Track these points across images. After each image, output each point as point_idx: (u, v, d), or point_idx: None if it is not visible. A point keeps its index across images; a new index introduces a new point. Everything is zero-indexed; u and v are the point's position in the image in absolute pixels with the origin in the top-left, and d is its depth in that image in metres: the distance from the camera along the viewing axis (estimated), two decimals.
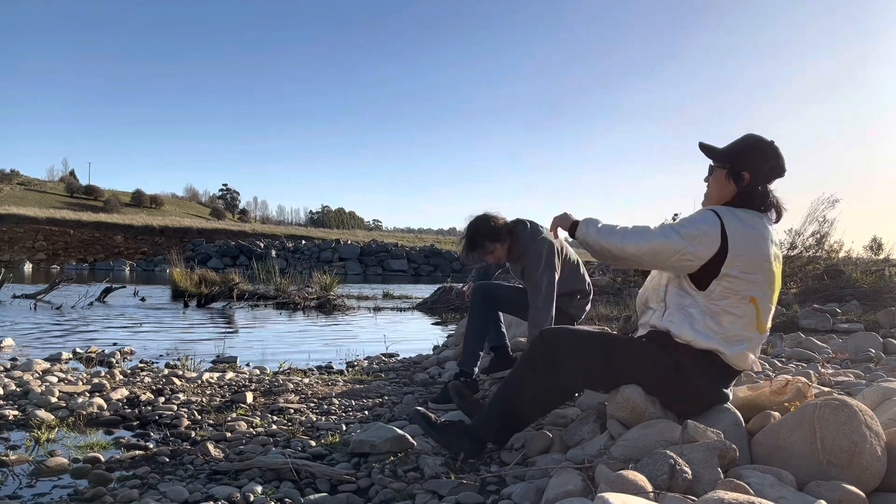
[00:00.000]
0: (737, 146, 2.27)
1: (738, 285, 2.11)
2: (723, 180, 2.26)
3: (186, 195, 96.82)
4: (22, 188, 68.88)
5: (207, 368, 4.83)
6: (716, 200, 2.29)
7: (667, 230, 2.18)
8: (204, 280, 12.77)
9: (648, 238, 2.19)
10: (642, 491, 1.51)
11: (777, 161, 2.23)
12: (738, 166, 2.23)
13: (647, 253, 2.19)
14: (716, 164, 2.29)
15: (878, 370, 3.61)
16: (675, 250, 2.14)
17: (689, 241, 2.12)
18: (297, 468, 2.39)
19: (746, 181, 2.22)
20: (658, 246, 2.16)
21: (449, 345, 5.90)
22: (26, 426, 3.07)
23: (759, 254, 2.13)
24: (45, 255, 37.72)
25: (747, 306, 2.14)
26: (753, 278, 2.12)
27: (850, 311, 7.38)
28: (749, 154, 2.23)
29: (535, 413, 2.51)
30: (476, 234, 3.46)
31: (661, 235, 2.17)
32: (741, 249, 2.10)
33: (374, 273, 35.37)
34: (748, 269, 2.11)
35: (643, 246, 2.19)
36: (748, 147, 2.25)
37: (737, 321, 2.14)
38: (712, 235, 2.10)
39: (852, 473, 1.68)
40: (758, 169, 2.21)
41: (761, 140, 2.26)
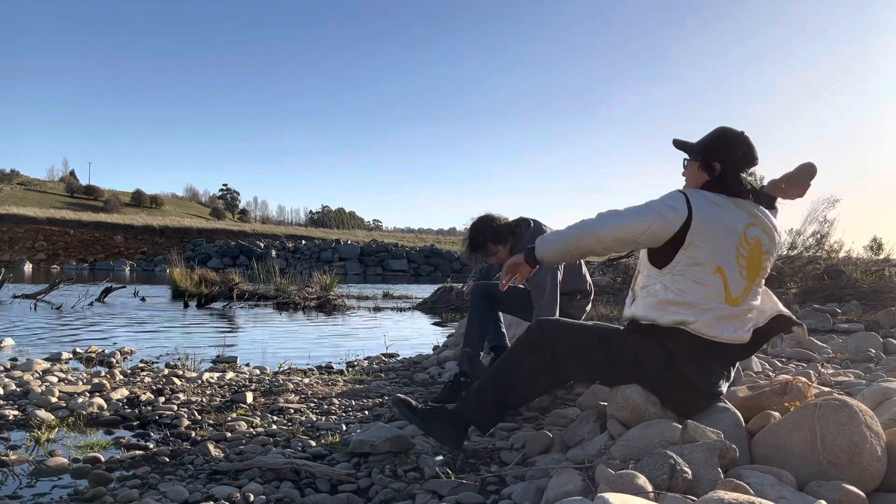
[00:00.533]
0: (707, 138, 2.34)
1: (703, 255, 2.14)
2: (696, 172, 2.33)
3: (186, 195, 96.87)
4: (22, 188, 68.91)
5: (207, 368, 4.83)
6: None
7: (638, 208, 2.23)
8: (204, 280, 12.77)
9: (624, 219, 2.22)
10: (642, 491, 1.51)
11: (747, 150, 2.29)
12: (709, 157, 2.29)
13: (625, 231, 2.22)
14: (689, 159, 2.36)
15: (878, 370, 3.61)
16: (648, 223, 2.17)
17: (659, 213, 2.16)
18: (297, 468, 2.39)
19: (718, 171, 2.27)
20: (633, 223, 2.20)
21: (449, 345, 5.90)
22: (26, 426, 3.07)
23: (725, 227, 2.16)
24: (45, 255, 37.73)
25: (713, 276, 2.15)
26: (719, 248, 2.15)
27: (850, 311, 7.38)
28: (719, 145, 2.30)
29: (522, 399, 2.50)
30: (478, 235, 3.46)
31: (636, 213, 2.21)
32: (705, 220, 2.14)
33: (374, 273, 35.37)
34: (713, 239, 2.14)
35: (619, 227, 2.22)
36: (717, 138, 2.32)
37: (702, 289, 2.15)
38: (679, 208, 2.15)
39: (852, 473, 1.69)
40: (727, 158, 2.27)
41: (731, 131, 2.33)
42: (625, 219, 2.22)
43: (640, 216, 2.20)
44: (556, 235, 2.39)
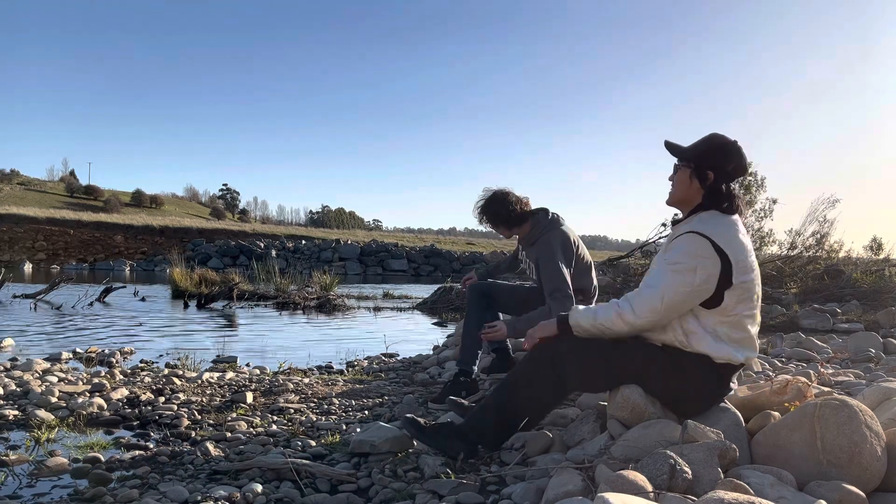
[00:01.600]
0: (701, 145, 2.29)
1: (748, 287, 2.14)
2: (686, 179, 2.28)
3: (186, 195, 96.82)
4: (22, 188, 68.86)
5: (207, 368, 4.83)
6: (679, 199, 2.31)
7: (664, 277, 2.13)
8: (204, 280, 12.76)
9: (658, 300, 2.12)
10: (642, 491, 1.51)
11: (740, 161, 2.26)
12: (702, 165, 2.25)
13: (668, 308, 2.13)
14: (680, 164, 2.31)
15: (878, 370, 3.61)
16: (687, 291, 2.10)
17: (692, 274, 2.09)
18: (297, 468, 2.39)
19: (711, 180, 2.24)
20: (672, 299, 2.11)
21: (449, 345, 5.89)
22: (26, 426, 3.07)
23: (749, 251, 2.18)
24: (45, 255, 37.69)
25: (755, 304, 2.19)
26: (754, 276, 2.17)
27: (850, 311, 7.38)
28: (713, 153, 2.25)
29: (528, 414, 2.46)
30: (491, 212, 3.46)
31: (666, 287, 2.11)
32: (738, 254, 2.12)
33: (374, 273, 35.34)
34: (748, 269, 2.14)
35: (661, 306, 2.12)
36: (712, 146, 2.27)
37: (751, 320, 2.19)
38: (710, 257, 2.09)
39: (852, 473, 1.68)
40: (722, 168, 2.23)
41: (725, 139, 2.28)
42: (659, 306, 2.12)
43: (678, 290, 2.10)
44: (593, 315, 2.25)
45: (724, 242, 2.11)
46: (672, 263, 2.13)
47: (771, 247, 10.89)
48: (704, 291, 2.11)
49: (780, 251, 10.75)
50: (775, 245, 10.86)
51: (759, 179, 10.84)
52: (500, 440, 2.50)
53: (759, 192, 10.83)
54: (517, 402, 2.38)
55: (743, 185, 10.81)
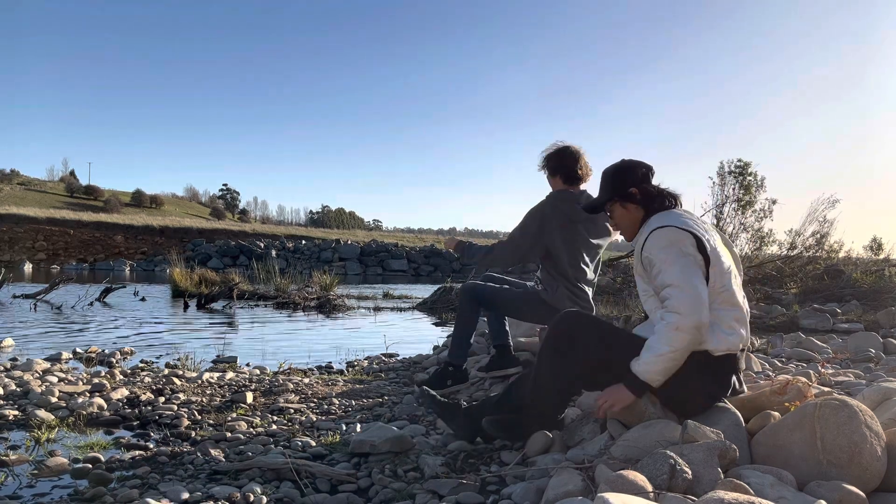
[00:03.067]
0: (606, 182, 2.47)
1: (718, 258, 2.19)
2: (621, 210, 2.44)
3: (186, 195, 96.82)
4: (22, 188, 68.86)
5: (207, 368, 4.83)
6: (630, 229, 2.45)
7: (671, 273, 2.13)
8: (204, 280, 12.77)
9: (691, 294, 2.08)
10: (642, 491, 1.51)
11: (639, 166, 2.44)
12: (622, 190, 2.40)
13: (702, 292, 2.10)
14: (608, 206, 2.47)
15: (878, 370, 3.61)
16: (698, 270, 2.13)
17: (686, 255, 2.15)
18: (297, 468, 2.39)
19: (639, 195, 2.38)
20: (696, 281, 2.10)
21: (449, 345, 5.89)
22: (26, 426, 3.07)
23: (706, 227, 2.27)
24: (45, 255, 37.69)
25: (732, 276, 2.23)
26: (720, 248, 2.24)
27: (850, 311, 7.38)
28: (620, 177, 2.43)
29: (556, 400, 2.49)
30: (558, 157, 3.51)
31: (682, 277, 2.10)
32: (697, 230, 2.21)
33: (374, 273, 35.34)
34: (712, 244, 2.21)
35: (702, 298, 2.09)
36: (614, 174, 2.46)
37: (739, 291, 2.23)
38: (683, 236, 2.17)
39: (852, 473, 1.68)
40: (634, 180, 2.40)
41: (616, 164, 2.48)
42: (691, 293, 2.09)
43: (693, 272, 2.11)
44: (655, 355, 2.12)
45: (682, 223, 2.21)
46: (662, 261, 2.17)
47: (771, 247, 10.89)
48: (702, 263, 2.18)
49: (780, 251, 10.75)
50: (775, 245, 10.87)
51: (759, 179, 10.84)
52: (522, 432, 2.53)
53: (758, 192, 10.83)
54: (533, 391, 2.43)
55: (742, 185, 10.82)
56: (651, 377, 2.13)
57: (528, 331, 4.63)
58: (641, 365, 2.14)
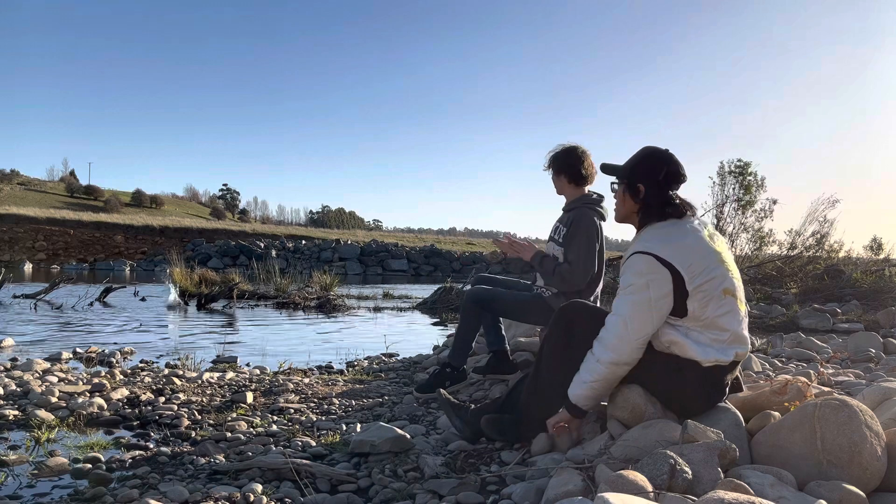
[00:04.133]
0: (631, 160, 2.35)
1: (709, 288, 2.12)
2: (622, 195, 2.35)
3: (186, 195, 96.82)
4: (22, 188, 68.86)
5: (207, 368, 4.83)
6: (622, 215, 2.38)
7: (622, 303, 2.16)
8: (204, 280, 12.76)
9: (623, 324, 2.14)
10: (642, 491, 1.51)
11: (672, 167, 2.28)
12: (633, 180, 2.30)
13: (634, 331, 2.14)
14: (618, 182, 2.37)
15: (878, 370, 3.61)
16: (647, 310, 2.12)
17: (647, 291, 2.11)
18: (297, 468, 2.39)
19: (642, 193, 2.28)
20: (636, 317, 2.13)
21: (449, 345, 5.89)
22: (26, 426, 3.07)
23: (702, 253, 2.15)
24: (45, 255, 37.70)
25: (727, 299, 2.16)
26: (717, 273, 2.15)
27: (850, 311, 7.37)
28: (641, 167, 2.30)
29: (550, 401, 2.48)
30: (562, 154, 3.52)
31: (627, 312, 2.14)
32: (686, 261, 2.11)
33: (374, 273, 35.34)
34: (705, 271, 2.13)
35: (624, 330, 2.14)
36: (641, 160, 2.33)
37: (730, 317, 2.17)
38: (659, 272, 2.11)
39: (852, 473, 1.68)
40: (651, 178, 2.27)
41: (654, 151, 2.33)
42: (624, 332, 2.14)
43: (639, 311, 2.12)
44: (582, 381, 2.23)
45: (669, 254, 2.12)
46: (625, 287, 2.18)
47: (771, 247, 10.89)
48: (664, 306, 2.13)
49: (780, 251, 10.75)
50: (775, 245, 10.87)
51: (759, 179, 10.85)
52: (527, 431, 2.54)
53: (759, 192, 10.83)
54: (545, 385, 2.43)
55: (743, 185, 10.82)
56: (581, 402, 2.26)
57: (529, 331, 4.63)
58: (572, 389, 2.26)
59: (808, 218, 10.41)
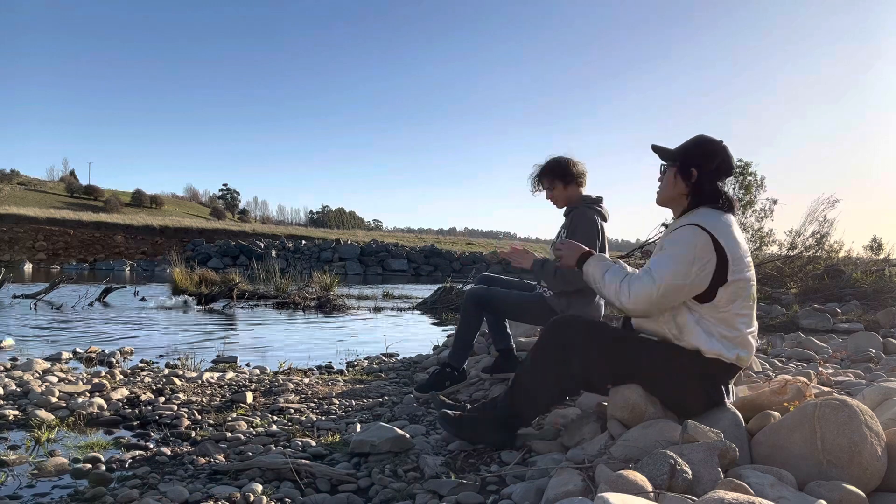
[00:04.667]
0: (686, 145, 2.34)
1: (743, 286, 2.15)
2: (672, 178, 2.33)
3: (186, 195, 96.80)
4: (22, 188, 68.85)
5: (207, 368, 4.83)
6: (667, 197, 2.37)
7: (663, 266, 2.15)
8: (204, 280, 12.75)
9: (655, 287, 2.14)
10: (642, 491, 1.51)
11: (725, 158, 2.30)
12: (686, 163, 2.29)
13: (662, 297, 2.15)
14: (667, 164, 2.36)
15: (878, 370, 3.61)
16: (683, 283, 2.12)
17: (690, 266, 2.11)
18: (297, 468, 2.39)
19: (695, 178, 2.28)
20: (668, 289, 2.13)
21: (449, 345, 5.89)
22: (26, 426, 3.07)
23: (745, 250, 2.19)
24: (45, 255, 37.69)
25: (749, 303, 2.19)
26: (750, 275, 2.18)
27: (850, 311, 7.37)
28: (697, 152, 2.30)
29: (542, 406, 2.53)
30: (553, 164, 3.54)
31: (664, 276, 2.13)
32: (734, 252, 2.13)
33: (374, 273, 35.33)
34: (744, 267, 2.16)
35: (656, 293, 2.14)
36: (696, 145, 2.32)
37: (745, 320, 2.18)
38: (709, 251, 2.11)
39: (852, 473, 1.68)
40: (705, 166, 2.27)
41: (710, 139, 2.33)
42: (656, 288, 2.14)
43: (675, 281, 2.12)
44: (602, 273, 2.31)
45: (724, 239, 2.13)
46: (673, 254, 2.16)
47: (771, 247, 10.89)
48: (699, 285, 2.14)
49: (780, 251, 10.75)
50: (775, 245, 10.87)
51: (759, 179, 10.84)
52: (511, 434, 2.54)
53: (759, 192, 10.82)
54: (527, 392, 2.42)
55: (743, 185, 10.82)
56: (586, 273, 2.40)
57: (529, 331, 4.63)
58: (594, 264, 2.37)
59: (808, 218, 10.40)
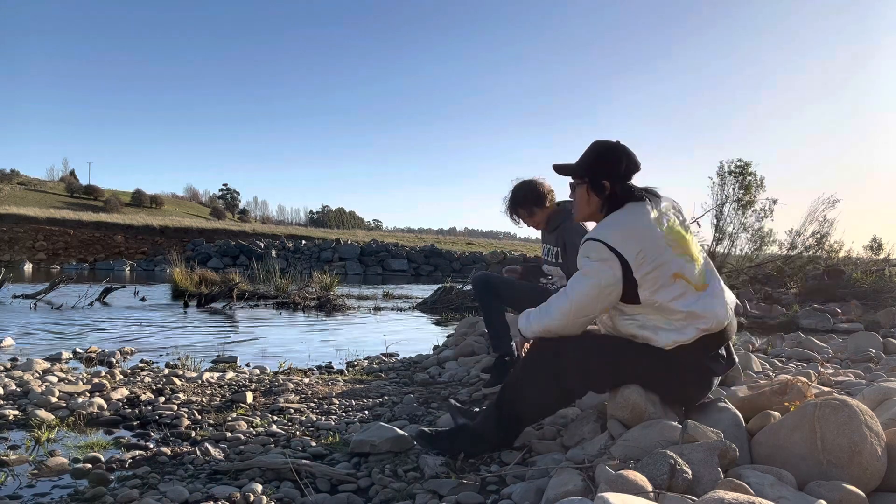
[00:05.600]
0: (588, 158, 2.36)
1: (657, 275, 2.14)
2: (585, 195, 2.35)
3: (186, 195, 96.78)
4: (22, 188, 68.84)
5: (207, 368, 4.83)
6: (585, 214, 2.40)
7: (574, 281, 2.25)
8: (204, 280, 12.77)
9: (568, 299, 2.24)
10: (642, 491, 1.51)
11: (629, 159, 2.31)
12: (597, 177, 2.31)
13: (577, 310, 2.23)
14: (576, 181, 2.38)
15: (878, 370, 3.61)
16: (594, 294, 2.18)
17: (597, 276, 2.16)
18: (297, 468, 2.39)
19: (608, 189, 2.30)
20: (583, 299, 2.21)
21: (449, 345, 5.89)
22: (26, 426, 3.07)
23: (649, 238, 2.16)
24: (45, 255, 37.68)
25: (677, 283, 2.17)
26: (662, 260, 2.15)
27: (850, 311, 7.38)
28: (602, 163, 2.32)
29: (536, 416, 2.52)
30: (522, 194, 3.57)
31: (575, 290, 2.22)
32: (634, 248, 2.14)
33: (374, 273, 35.33)
34: (651, 257, 2.14)
35: (569, 308, 2.23)
36: (599, 156, 2.34)
37: (683, 300, 2.16)
38: (609, 259, 2.14)
39: (852, 473, 1.69)
40: (614, 173, 2.29)
41: (608, 146, 2.35)
42: (569, 302, 2.24)
43: (586, 293, 2.20)
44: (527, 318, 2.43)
45: (618, 241, 2.15)
46: (580, 269, 2.24)
47: (771, 247, 10.90)
48: (613, 293, 2.18)
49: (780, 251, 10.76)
50: (775, 245, 10.88)
51: (759, 179, 10.85)
52: (508, 441, 2.52)
53: (758, 191, 10.83)
54: (520, 402, 2.40)
55: (742, 185, 10.82)
56: (527, 332, 2.43)
57: None
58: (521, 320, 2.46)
59: (808, 218, 10.42)
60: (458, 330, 6.33)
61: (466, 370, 4.57)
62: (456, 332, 6.36)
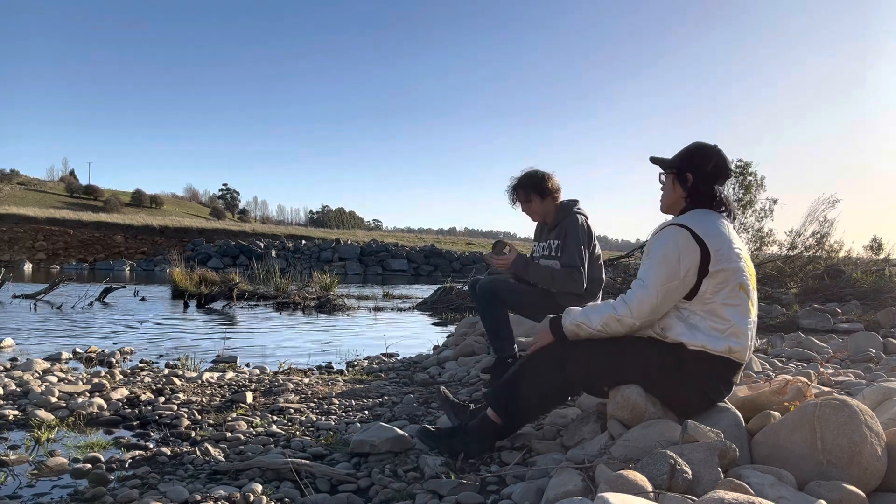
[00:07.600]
0: (681, 153, 2.44)
1: (729, 276, 2.18)
2: (671, 185, 2.42)
3: (186, 195, 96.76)
4: (22, 188, 68.81)
5: (207, 368, 4.83)
6: (668, 203, 2.45)
7: (653, 272, 2.21)
8: (204, 280, 12.76)
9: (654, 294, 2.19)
10: (642, 491, 1.51)
11: (719, 161, 2.37)
12: (682, 169, 2.38)
13: (662, 303, 2.20)
14: (664, 172, 2.45)
15: (878, 370, 3.61)
16: (676, 283, 2.18)
17: (677, 264, 2.17)
18: (297, 468, 2.39)
19: (691, 182, 2.36)
20: (664, 292, 2.19)
21: (449, 345, 5.89)
22: (26, 426, 3.07)
23: (731, 242, 2.24)
24: (45, 255, 37.67)
25: (740, 294, 2.20)
26: (739, 266, 2.21)
27: (850, 311, 7.37)
28: (691, 157, 2.39)
29: (536, 411, 2.53)
30: (528, 181, 3.62)
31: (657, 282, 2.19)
32: (716, 244, 2.19)
33: (374, 273, 35.33)
34: (729, 258, 2.19)
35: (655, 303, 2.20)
36: (690, 152, 2.41)
37: (735, 310, 2.19)
38: (691, 246, 2.17)
39: (852, 473, 1.68)
40: (700, 170, 2.36)
41: (704, 144, 2.42)
42: (651, 299, 2.20)
43: (668, 283, 2.18)
44: (586, 319, 2.32)
45: (703, 232, 2.19)
46: (658, 257, 2.23)
47: (771, 247, 10.90)
48: (689, 281, 2.19)
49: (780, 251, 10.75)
50: (775, 245, 10.88)
51: (759, 179, 10.85)
52: (509, 432, 2.53)
53: (758, 192, 10.84)
54: (523, 395, 2.40)
55: (743, 185, 10.82)
56: (571, 333, 2.35)
57: (530, 330, 4.63)
58: (572, 318, 2.35)
59: (808, 218, 10.42)
60: (457, 330, 6.33)
61: (466, 370, 4.57)
62: (456, 332, 6.37)
